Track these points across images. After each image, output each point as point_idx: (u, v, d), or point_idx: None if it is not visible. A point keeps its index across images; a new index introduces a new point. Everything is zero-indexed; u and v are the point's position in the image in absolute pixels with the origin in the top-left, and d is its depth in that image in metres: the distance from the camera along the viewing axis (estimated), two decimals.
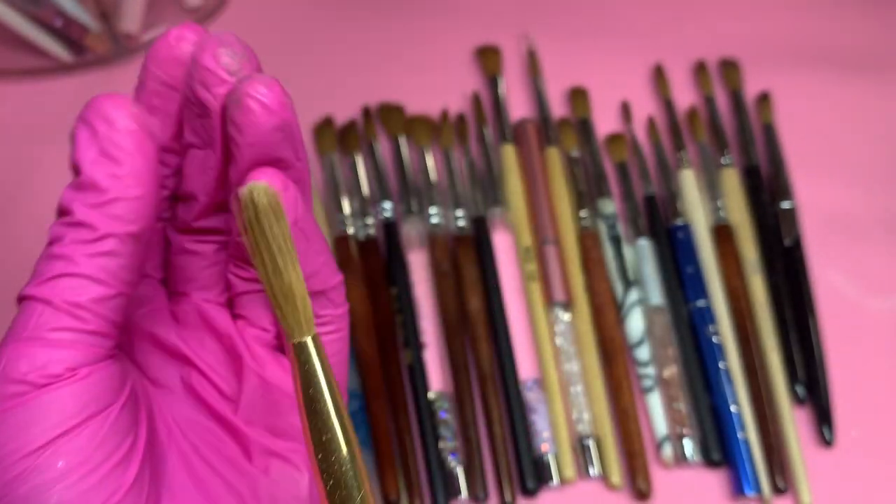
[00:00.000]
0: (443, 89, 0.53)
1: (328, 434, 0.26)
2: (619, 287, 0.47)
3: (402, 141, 0.51)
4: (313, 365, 0.26)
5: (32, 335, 0.25)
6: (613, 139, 0.51)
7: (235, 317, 0.30)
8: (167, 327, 0.30)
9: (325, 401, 0.26)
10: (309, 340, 0.26)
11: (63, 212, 0.26)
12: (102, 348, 0.26)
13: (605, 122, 0.52)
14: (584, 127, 0.51)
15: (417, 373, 0.45)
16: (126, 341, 0.29)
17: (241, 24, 0.57)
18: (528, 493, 0.43)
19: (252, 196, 0.25)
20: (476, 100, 0.53)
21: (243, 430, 0.29)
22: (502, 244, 0.48)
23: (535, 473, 0.44)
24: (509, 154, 0.50)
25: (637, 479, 0.43)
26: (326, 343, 0.28)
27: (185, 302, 0.30)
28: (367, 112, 0.52)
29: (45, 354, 0.25)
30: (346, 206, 0.49)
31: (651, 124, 0.52)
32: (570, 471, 0.44)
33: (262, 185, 0.25)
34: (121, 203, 0.26)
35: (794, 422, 0.44)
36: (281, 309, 0.26)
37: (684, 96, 0.53)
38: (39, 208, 0.51)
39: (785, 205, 0.49)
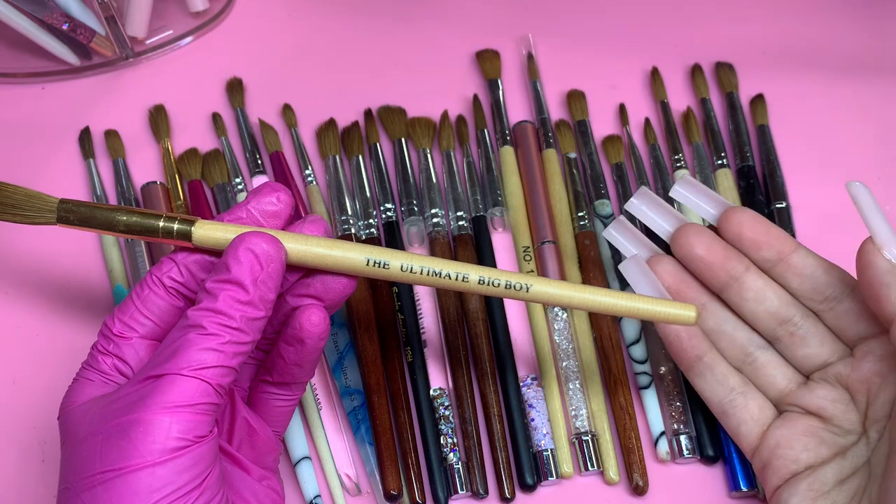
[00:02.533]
0: (443, 92, 0.54)
1: None
2: (616, 286, 0.47)
3: (404, 143, 0.52)
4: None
5: (186, 404, 0.33)
6: (610, 141, 0.52)
7: None
8: None
9: None
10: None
11: (217, 311, 0.34)
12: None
13: (602, 124, 0.53)
14: (581, 129, 0.52)
15: (418, 370, 0.46)
16: None
17: (245, 29, 0.57)
18: (527, 488, 0.44)
19: None
20: (476, 102, 0.53)
21: (239, 455, 0.38)
22: (502, 244, 0.49)
23: (533, 469, 0.44)
24: (508, 155, 0.51)
25: (634, 474, 0.44)
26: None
27: None
28: (368, 114, 0.53)
29: (195, 419, 0.33)
30: (349, 207, 0.49)
31: (647, 126, 0.52)
32: (568, 466, 0.44)
33: None
34: (259, 322, 0.35)
35: None
36: None
37: (680, 98, 0.53)
38: None
39: (779, 205, 0.49)
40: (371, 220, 0.49)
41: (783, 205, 0.49)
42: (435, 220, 0.49)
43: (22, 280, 0.50)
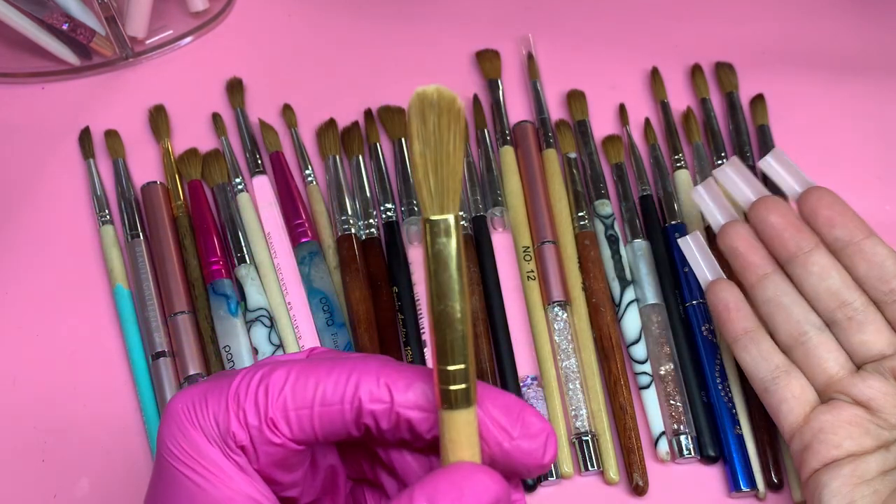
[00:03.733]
0: None
1: (443, 306, 0.27)
2: (616, 286, 0.48)
3: (404, 143, 0.52)
4: (448, 243, 0.26)
5: None
6: (610, 141, 0.52)
7: None
8: None
9: (452, 277, 0.26)
10: (450, 218, 0.26)
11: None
12: None
13: (602, 125, 0.53)
14: (581, 129, 0.52)
15: None
16: None
17: (245, 29, 0.57)
18: (527, 488, 0.44)
19: (435, 94, 0.27)
20: (476, 102, 0.53)
21: None
22: (502, 244, 0.49)
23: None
24: (508, 155, 0.51)
25: (634, 474, 0.44)
26: None
27: None
28: (368, 114, 0.53)
29: None
30: (349, 207, 0.49)
31: (647, 126, 0.52)
32: (568, 466, 0.44)
33: (441, 90, 0.27)
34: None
35: None
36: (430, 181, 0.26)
37: (680, 98, 0.54)
38: (44, 209, 0.52)
39: None
40: (371, 220, 0.49)
41: None
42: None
43: (22, 280, 0.50)
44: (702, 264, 0.44)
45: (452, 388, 0.27)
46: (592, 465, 0.44)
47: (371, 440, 0.30)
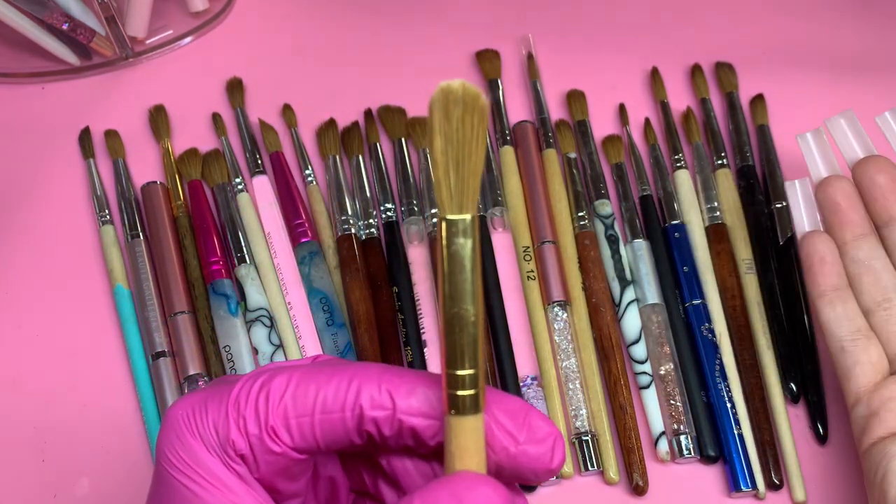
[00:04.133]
0: None
1: (456, 308, 0.26)
2: (616, 286, 0.48)
3: (404, 143, 0.52)
4: (466, 244, 0.25)
5: None
6: (610, 141, 0.52)
7: None
8: None
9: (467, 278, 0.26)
10: (469, 219, 0.25)
11: None
12: None
13: (602, 125, 0.53)
14: (581, 129, 0.52)
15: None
16: None
17: (245, 29, 0.57)
18: (527, 488, 0.44)
19: (461, 89, 0.26)
20: None
21: None
22: (501, 244, 0.49)
23: None
24: (508, 156, 0.51)
25: (634, 474, 0.44)
26: None
27: None
28: (368, 114, 0.53)
29: None
30: (349, 207, 0.49)
31: (647, 126, 0.52)
32: (567, 466, 0.44)
33: (466, 85, 0.26)
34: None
35: (789, 418, 0.45)
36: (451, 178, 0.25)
37: (680, 98, 0.53)
38: (44, 209, 0.52)
39: (779, 205, 0.49)
40: (371, 220, 0.49)
41: (783, 205, 0.49)
42: (435, 219, 0.49)
43: (22, 280, 0.50)
44: (802, 211, 0.43)
45: (461, 393, 0.26)
46: (592, 465, 0.44)
47: (374, 448, 0.30)
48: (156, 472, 0.29)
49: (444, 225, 0.25)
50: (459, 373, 0.26)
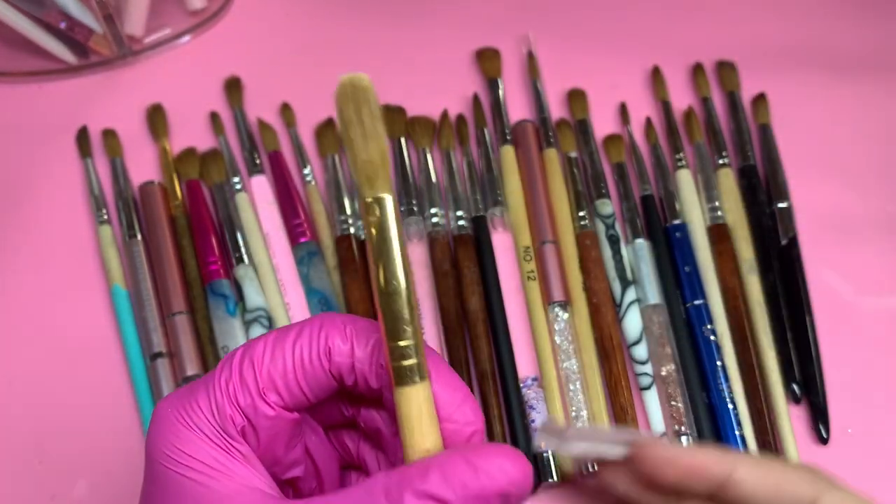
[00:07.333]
0: (443, 91, 0.54)
1: (388, 282, 0.27)
2: (617, 286, 0.47)
3: (403, 142, 0.52)
4: (386, 218, 0.27)
5: None
6: (611, 140, 0.52)
7: None
8: None
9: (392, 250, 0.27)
10: (387, 196, 0.27)
11: None
12: None
13: (603, 124, 0.53)
14: (582, 128, 0.52)
15: None
16: None
17: (244, 28, 0.57)
18: None
19: (350, 82, 0.28)
20: (476, 101, 0.53)
21: None
22: (502, 244, 0.49)
23: (534, 470, 0.44)
24: (509, 155, 0.51)
25: None
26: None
27: None
28: None
29: None
30: (348, 207, 0.49)
31: (648, 125, 0.52)
32: (568, 467, 0.44)
33: (357, 76, 0.29)
34: None
35: (790, 419, 0.45)
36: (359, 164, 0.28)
37: (681, 98, 0.53)
38: (41, 208, 0.52)
39: (781, 205, 0.49)
40: None
41: (785, 204, 0.49)
42: (435, 219, 0.49)
43: (21, 280, 0.50)
44: (603, 445, 0.36)
45: (404, 363, 0.27)
46: (593, 466, 0.44)
47: (354, 398, 0.31)
48: (151, 473, 0.29)
49: (367, 206, 0.27)
50: (400, 344, 0.27)
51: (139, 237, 0.49)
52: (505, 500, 0.27)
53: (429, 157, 0.51)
